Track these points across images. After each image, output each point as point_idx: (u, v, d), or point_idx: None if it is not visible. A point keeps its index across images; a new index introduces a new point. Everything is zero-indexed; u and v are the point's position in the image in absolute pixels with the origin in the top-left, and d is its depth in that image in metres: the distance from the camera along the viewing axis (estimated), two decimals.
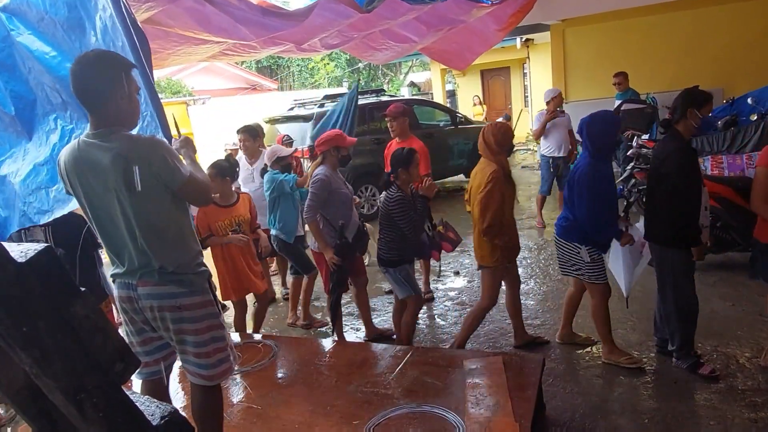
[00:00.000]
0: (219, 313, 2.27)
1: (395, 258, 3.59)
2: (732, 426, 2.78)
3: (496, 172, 3.31)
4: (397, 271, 3.61)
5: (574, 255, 3.42)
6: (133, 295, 2.13)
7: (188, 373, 2.24)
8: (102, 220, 2.09)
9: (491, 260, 3.47)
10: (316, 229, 3.67)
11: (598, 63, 9.36)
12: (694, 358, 3.26)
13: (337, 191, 3.71)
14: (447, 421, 2.52)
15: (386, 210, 3.53)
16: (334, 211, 3.69)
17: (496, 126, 3.45)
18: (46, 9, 2.54)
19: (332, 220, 3.67)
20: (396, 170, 3.54)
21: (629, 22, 8.86)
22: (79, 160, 2.04)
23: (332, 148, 3.75)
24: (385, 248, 3.61)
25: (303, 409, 2.78)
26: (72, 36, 2.54)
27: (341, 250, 3.58)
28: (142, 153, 2.01)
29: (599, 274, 3.38)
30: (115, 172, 1.97)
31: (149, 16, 2.96)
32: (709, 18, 8.55)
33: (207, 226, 3.77)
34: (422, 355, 3.21)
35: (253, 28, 3.34)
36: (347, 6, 3.41)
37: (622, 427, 2.86)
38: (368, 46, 5.10)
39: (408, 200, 3.51)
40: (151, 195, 2.04)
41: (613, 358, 3.45)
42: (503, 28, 5.56)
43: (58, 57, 2.61)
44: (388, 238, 3.58)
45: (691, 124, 3.11)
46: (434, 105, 11.07)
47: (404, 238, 3.52)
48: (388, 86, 20.04)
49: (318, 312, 4.98)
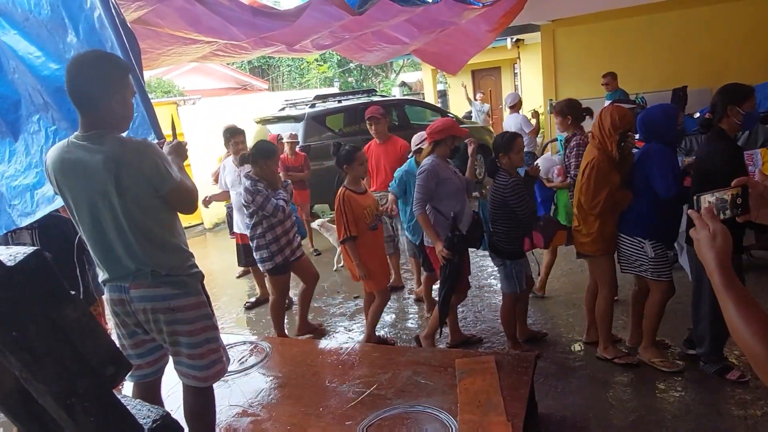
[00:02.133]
0: (212, 314, 2.27)
1: (514, 249, 3.46)
2: (721, 422, 2.80)
3: (595, 160, 3.15)
4: (512, 264, 3.50)
5: (637, 250, 3.24)
6: (125, 298, 2.12)
7: (181, 375, 2.23)
8: (90, 223, 2.07)
9: (592, 249, 3.34)
10: (425, 222, 3.47)
11: (588, 63, 9.41)
12: (723, 363, 3.18)
13: (447, 181, 3.50)
14: (440, 421, 2.52)
15: (502, 198, 3.41)
16: (446, 202, 3.50)
17: (616, 108, 3.22)
18: (30, 9, 2.51)
19: (444, 212, 3.47)
20: (497, 155, 3.45)
21: (619, 22, 8.92)
22: (67, 161, 2.02)
23: (449, 137, 3.57)
24: (502, 240, 3.48)
25: (295, 410, 2.77)
26: (56, 36, 2.51)
27: (452, 243, 3.37)
28: (133, 156, 2.00)
29: (663, 270, 3.20)
30: (106, 175, 1.96)
31: (139, 16, 2.94)
32: (698, 18, 8.63)
33: (354, 220, 3.64)
34: (414, 355, 3.21)
35: (243, 29, 3.33)
36: (339, 8, 3.40)
37: (614, 425, 2.88)
38: (359, 47, 5.09)
39: (521, 184, 3.40)
40: (142, 198, 2.03)
41: (647, 356, 3.37)
42: (494, 29, 5.58)
43: (42, 57, 2.59)
44: (506, 228, 3.45)
45: (734, 121, 2.93)
46: (425, 105, 11.08)
47: (520, 226, 3.40)
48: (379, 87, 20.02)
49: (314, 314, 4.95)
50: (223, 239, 8.35)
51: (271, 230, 3.85)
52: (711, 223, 1.07)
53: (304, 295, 4.24)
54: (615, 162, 3.16)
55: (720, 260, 1.03)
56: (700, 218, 1.09)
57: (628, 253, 3.30)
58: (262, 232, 3.86)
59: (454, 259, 3.38)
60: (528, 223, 3.41)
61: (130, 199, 2.01)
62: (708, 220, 1.08)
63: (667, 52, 8.86)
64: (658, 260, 3.18)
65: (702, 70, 8.54)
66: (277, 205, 3.75)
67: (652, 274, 3.21)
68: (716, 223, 1.07)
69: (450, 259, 3.37)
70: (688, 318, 3.43)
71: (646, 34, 8.98)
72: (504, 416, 2.45)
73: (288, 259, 3.96)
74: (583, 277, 4.36)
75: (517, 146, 3.43)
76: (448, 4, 4.27)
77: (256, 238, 3.89)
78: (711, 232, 1.06)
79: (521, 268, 3.55)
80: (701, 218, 1.09)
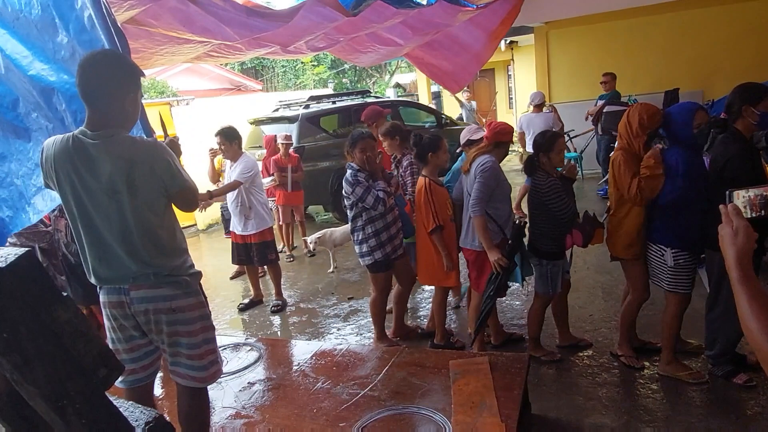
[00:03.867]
0: (210, 314, 2.26)
1: (553, 250, 3.40)
2: (712, 423, 2.82)
3: (619, 156, 3.10)
4: (550, 265, 3.42)
5: (657, 258, 3.12)
6: (124, 300, 2.09)
7: (177, 377, 2.21)
8: (91, 221, 2.04)
9: (626, 253, 3.24)
10: (482, 226, 3.30)
11: (581, 65, 9.47)
12: (731, 366, 3.12)
13: (503, 183, 3.44)
14: (434, 422, 2.52)
15: (539, 198, 3.35)
16: (500, 205, 3.42)
17: (645, 106, 3.13)
18: (21, 8, 2.50)
19: (495, 216, 3.39)
20: (537, 155, 3.39)
21: (612, 24, 8.98)
22: (73, 157, 1.99)
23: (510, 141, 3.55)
24: (541, 239, 3.42)
25: (289, 412, 2.77)
26: (45, 36, 2.50)
27: (509, 252, 3.27)
28: (145, 156, 2.01)
29: (681, 281, 3.05)
30: (117, 174, 1.95)
31: (131, 16, 2.93)
32: (690, 21, 8.70)
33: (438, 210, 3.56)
34: (408, 356, 3.22)
35: (237, 29, 3.32)
36: (333, 9, 3.40)
37: (606, 425, 2.89)
38: (353, 48, 5.10)
39: (559, 185, 3.33)
40: (151, 198, 2.04)
41: (670, 371, 3.22)
42: (494, 38, 5.59)
43: (30, 57, 2.58)
44: (544, 228, 3.39)
45: (749, 121, 2.86)
46: (419, 107, 11.10)
47: (558, 227, 3.33)
48: (373, 88, 20.04)
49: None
50: (216, 240, 8.32)
51: (371, 223, 3.67)
52: (735, 220, 1.10)
53: (399, 298, 4.08)
54: (639, 158, 3.09)
55: (739, 256, 1.07)
56: (727, 214, 1.12)
57: (649, 261, 3.20)
58: (361, 225, 3.69)
59: (510, 267, 3.32)
60: (567, 224, 3.34)
61: (140, 199, 2.00)
62: (733, 217, 1.11)
63: (659, 54, 8.93)
64: (678, 270, 3.05)
65: (693, 73, 8.61)
66: (377, 197, 3.54)
67: (669, 285, 3.10)
68: (740, 220, 1.10)
69: (505, 268, 3.28)
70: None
71: (639, 36, 9.05)
72: (498, 417, 2.46)
73: (389, 257, 3.75)
74: (575, 278, 4.38)
75: (558, 146, 3.36)
76: (442, 6, 4.28)
77: (356, 231, 3.74)
78: (734, 228, 1.09)
79: (558, 270, 3.45)
80: (727, 214, 1.12)
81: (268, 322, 5.00)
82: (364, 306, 4.99)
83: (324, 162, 8.03)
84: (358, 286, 5.57)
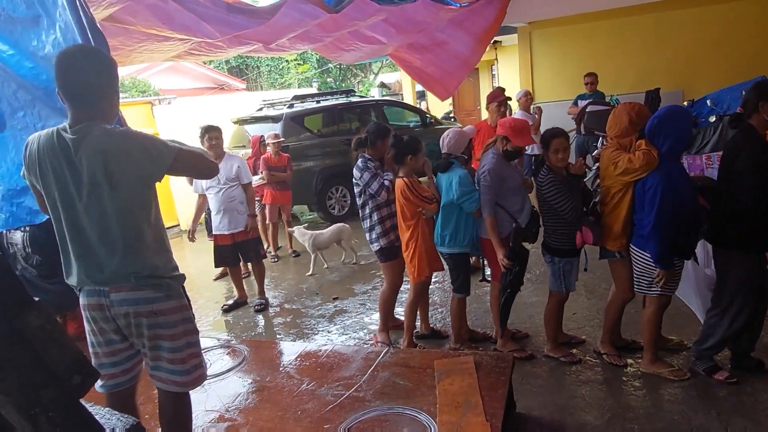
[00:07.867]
0: (194, 317, 2.22)
1: (564, 246, 3.39)
2: (695, 419, 2.85)
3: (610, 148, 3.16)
4: (562, 262, 3.43)
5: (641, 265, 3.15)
6: (104, 302, 2.03)
7: (159, 381, 2.16)
8: (74, 217, 1.99)
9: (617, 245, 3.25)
10: (493, 226, 3.40)
11: (564, 65, 9.56)
12: (713, 362, 3.16)
13: (509, 178, 3.47)
14: (419, 422, 2.52)
15: (541, 195, 3.39)
16: (511, 199, 3.47)
17: (631, 105, 3.18)
18: (3, 6, 2.45)
19: (506, 206, 3.45)
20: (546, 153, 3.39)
21: (594, 25, 9.08)
22: (57, 152, 1.94)
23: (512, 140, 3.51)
24: (553, 236, 3.43)
25: (273, 414, 2.74)
26: (31, 34, 2.46)
27: (514, 253, 3.36)
28: (119, 144, 1.95)
29: (667, 284, 3.07)
30: (96, 167, 1.90)
31: (110, 14, 2.88)
32: (671, 22, 8.83)
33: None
34: (393, 356, 3.21)
35: (217, 26, 3.29)
36: (315, 6, 3.38)
37: (589, 423, 2.91)
38: (336, 46, 5.07)
39: (562, 182, 3.33)
40: (134, 190, 1.99)
41: (652, 368, 3.27)
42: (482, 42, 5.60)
43: (16, 56, 2.54)
44: (552, 225, 3.41)
45: (764, 118, 2.86)
46: (404, 106, 11.10)
47: (564, 224, 3.34)
48: (358, 87, 20.02)
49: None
50: (200, 241, 8.20)
51: (377, 210, 3.74)
52: None
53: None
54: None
55: None
56: None
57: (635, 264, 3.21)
58: (369, 212, 3.78)
59: (515, 268, 3.38)
60: (574, 222, 3.33)
61: (122, 192, 1.95)
62: None
63: (641, 54, 9.04)
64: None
65: (674, 73, 8.74)
66: (382, 184, 3.63)
67: (654, 289, 3.13)
68: None
69: (511, 268, 3.36)
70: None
71: (621, 36, 9.15)
72: (483, 416, 2.46)
73: (394, 244, 3.78)
74: None
75: (553, 146, 3.33)
76: (424, 4, 4.28)
77: (365, 219, 3.83)
78: None
79: (570, 267, 3.44)
80: None
81: (253, 323, 4.96)
82: (350, 306, 4.98)
83: (308, 162, 7.99)
84: (343, 287, 5.55)
